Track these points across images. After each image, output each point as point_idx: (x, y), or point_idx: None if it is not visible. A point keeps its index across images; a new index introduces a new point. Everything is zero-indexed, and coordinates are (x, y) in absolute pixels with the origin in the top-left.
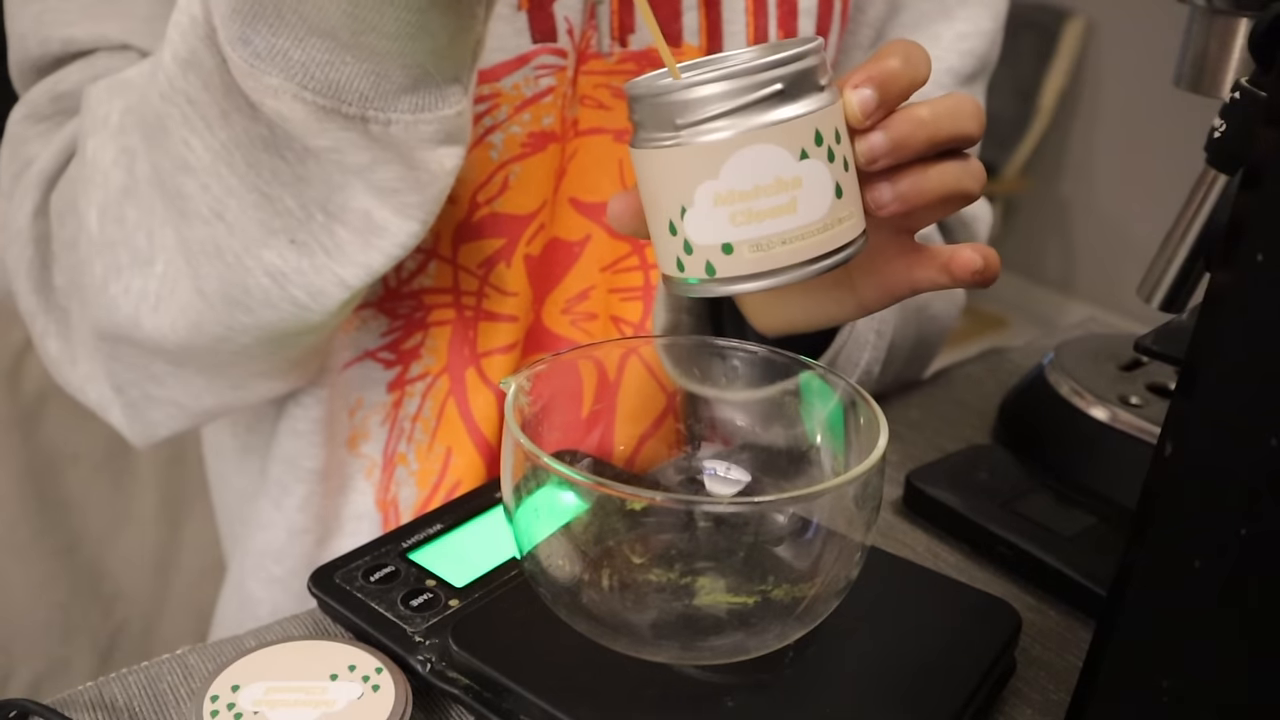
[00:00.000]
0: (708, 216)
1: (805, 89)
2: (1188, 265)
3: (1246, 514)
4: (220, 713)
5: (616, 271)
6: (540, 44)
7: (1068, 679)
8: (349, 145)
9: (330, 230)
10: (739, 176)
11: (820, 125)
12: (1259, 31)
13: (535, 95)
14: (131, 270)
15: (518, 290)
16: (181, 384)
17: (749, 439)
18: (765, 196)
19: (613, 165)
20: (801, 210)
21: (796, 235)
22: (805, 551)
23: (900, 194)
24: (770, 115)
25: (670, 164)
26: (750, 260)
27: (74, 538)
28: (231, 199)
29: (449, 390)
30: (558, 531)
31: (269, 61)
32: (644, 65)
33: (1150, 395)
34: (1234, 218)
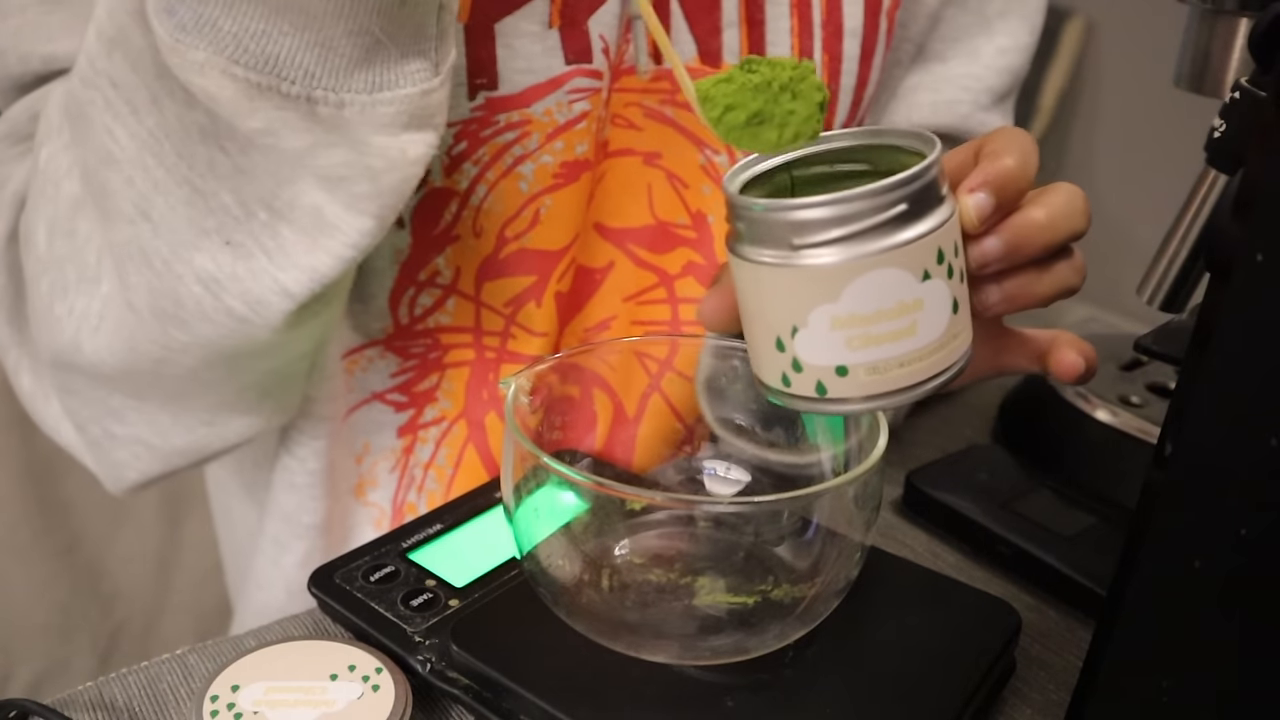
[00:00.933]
0: (823, 339)
1: (929, 205)
2: (1188, 265)
3: (1246, 514)
4: (220, 713)
5: (641, 303)
6: (574, 65)
7: (1068, 679)
8: (283, 126)
9: (273, 229)
10: (860, 301)
11: (942, 242)
12: (1259, 31)
13: (569, 122)
14: (77, 289)
15: (547, 330)
16: (145, 419)
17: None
18: (886, 320)
19: (641, 189)
20: (921, 332)
21: (914, 358)
22: (805, 551)
23: (1008, 295)
24: (895, 237)
25: (782, 282)
26: (865, 383)
27: (74, 538)
28: (158, 195)
29: (467, 437)
30: (558, 531)
31: (195, 33)
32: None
33: (1150, 395)
34: (1233, 218)
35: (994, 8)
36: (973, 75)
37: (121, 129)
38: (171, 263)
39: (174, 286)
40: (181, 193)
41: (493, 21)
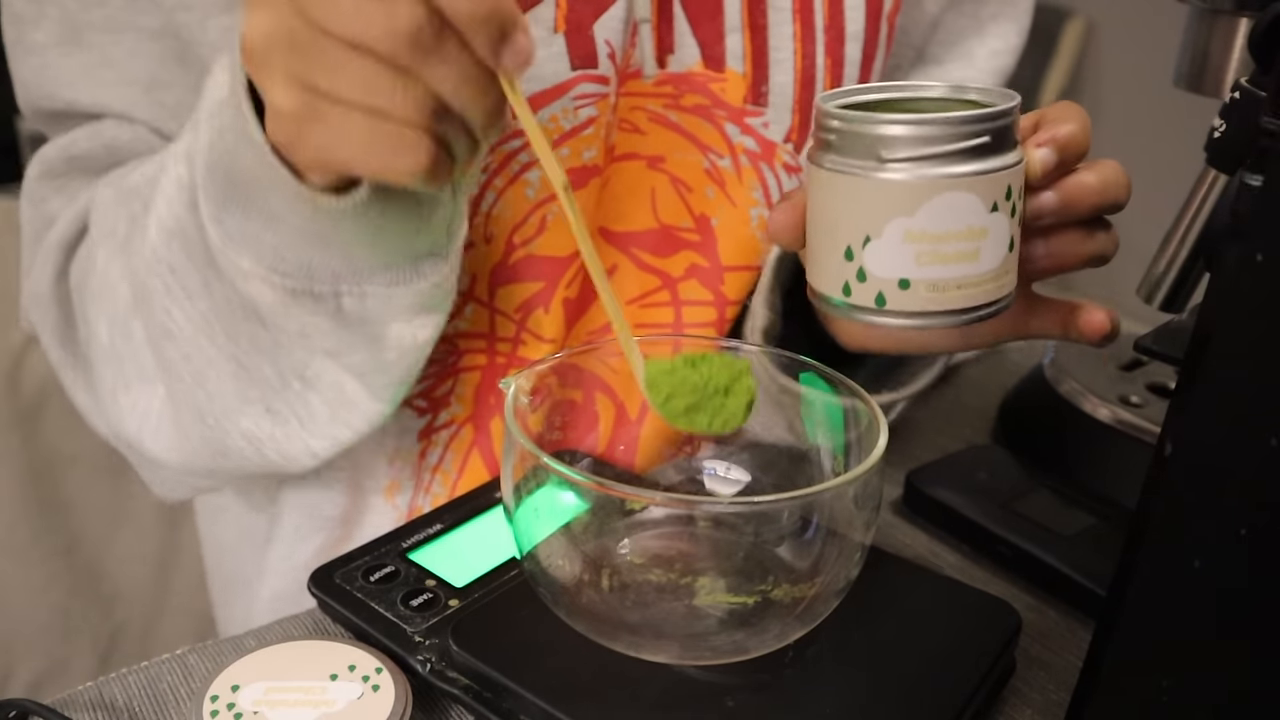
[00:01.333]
0: (894, 251)
1: (1006, 144)
2: (1188, 265)
3: (1246, 514)
4: (220, 713)
5: (644, 306)
6: (580, 70)
7: (1068, 679)
8: (317, 331)
9: (305, 399)
10: (935, 219)
11: (1012, 181)
12: (1259, 31)
13: (575, 128)
14: (139, 386)
15: (555, 337)
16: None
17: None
18: (954, 241)
19: (644, 193)
20: (982, 259)
21: (972, 282)
22: (805, 551)
23: (1052, 252)
24: (975, 165)
25: (863, 192)
26: (924, 299)
27: (74, 538)
28: (211, 369)
29: (473, 441)
30: (558, 531)
31: (240, 243)
32: (683, 89)
33: (1150, 395)
34: (1234, 218)
35: (987, 10)
36: (968, 77)
37: (179, 311)
38: (221, 420)
39: (222, 439)
40: (230, 367)
41: None
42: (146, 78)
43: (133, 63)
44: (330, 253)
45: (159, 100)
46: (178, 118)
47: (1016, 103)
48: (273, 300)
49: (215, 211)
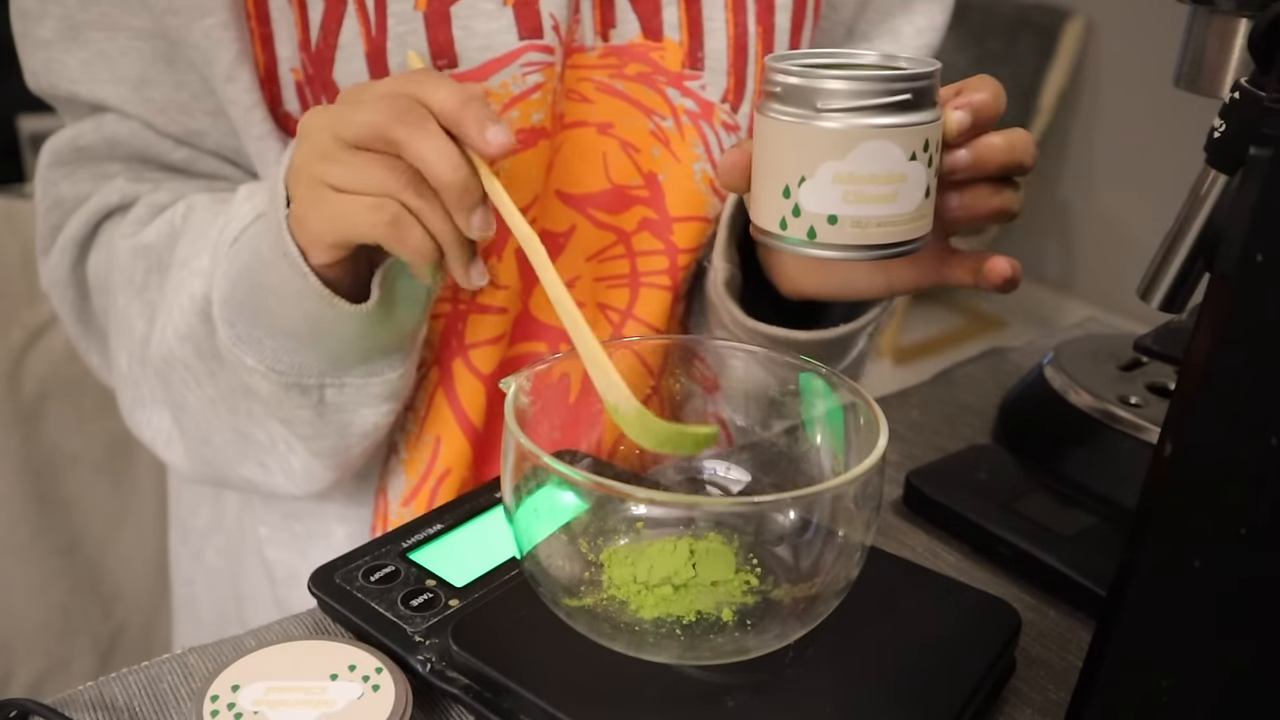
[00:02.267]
0: (825, 189)
1: (925, 103)
2: (1188, 265)
3: (1246, 514)
4: (220, 713)
5: (602, 261)
6: (527, 40)
7: (1068, 679)
8: (298, 420)
9: (288, 460)
10: (861, 162)
11: (930, 135)
12: (1259, 31)
13: (523, 92)
14: (152, 407)
15: (509, 284)
16: None
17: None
18: (876, 184)
19: (596, 158)
20: (900, 201)
21: (890, 221)
22: (805, 551)
23: (965, 204)
24: (898, 119)
25: (802, 138)
26: (849, 234)
27: (74, 538)
28: (215, 435)
29: (438, 381)
30: (558, 531)
31: (247, 345)
32: (626, 60)
33: (1150, 395)
34: (1234, 217)
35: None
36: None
37: (190, 394)
38: (223, 468)
39: (228, 474)
40: (230, 435)
41: (449, 5)
42: (136, 76)
43: (124, 60)
44: (319, 355)
45: (147, 97)
46: (165, 113)
47: (937, 68)
48: (268, 391)
49: (230, 316)
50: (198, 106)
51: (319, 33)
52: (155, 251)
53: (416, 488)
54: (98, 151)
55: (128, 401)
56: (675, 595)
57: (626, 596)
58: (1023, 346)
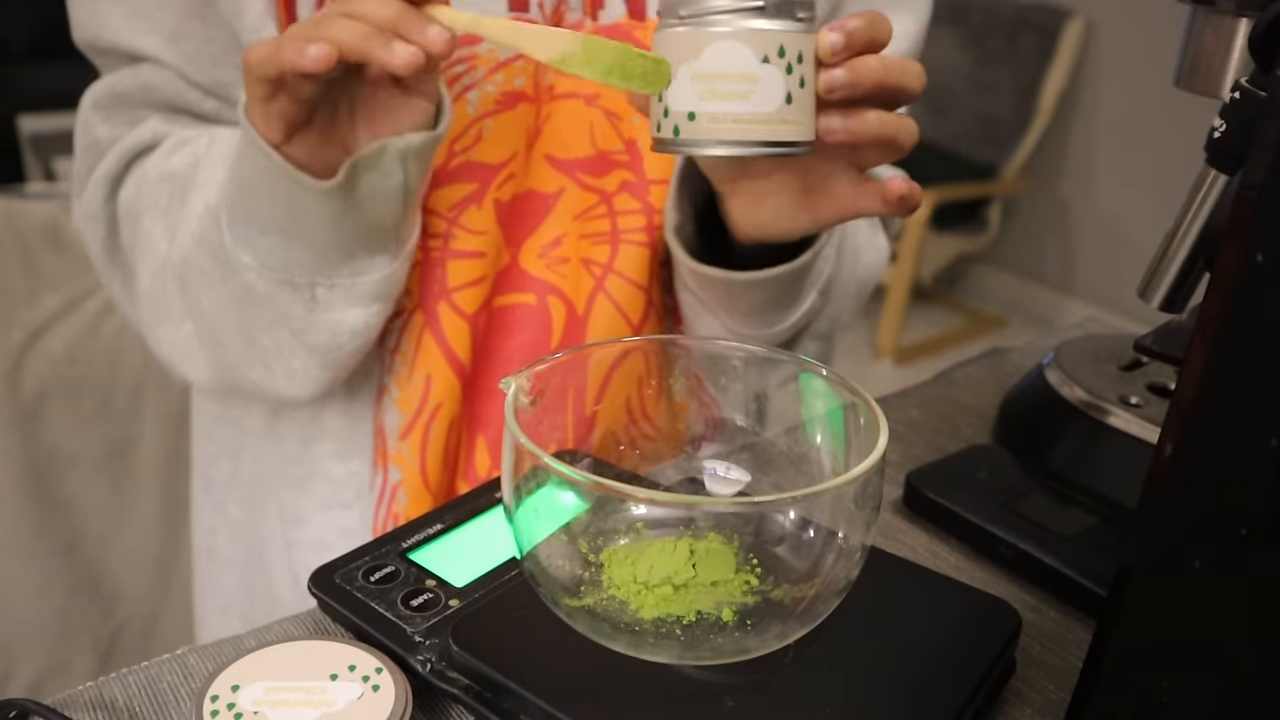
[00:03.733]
0: (684, 88)
1: (782, 13)
2: (1188, 265)
3: (1246, 514)
4: (220, 713)
5: (586, 219)
6: (513, 13)
7: (1068, 679)
8: (293, 315)
9: (290, 363)
10: (712, 61)
11: (785, 43)
12: (1259, 31)
13: (507, 60)
14: (169, 324)
15: (485, 229)
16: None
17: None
18: (727, 82)
19: (584, 126)
20: (754, 101)
21: (745, 119)
22: (805, 551)
23: (848, 126)
24: (748, 23)
25: (667, 42)
26: (707, 129)
27: (74, 538)
28: (226, 338)
29: (424, 324)
30: (558, 531)
31: (243, 244)
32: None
33: (1150, 395)
34: (1234, 218)
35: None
36: None
37: (205, 298)
38: (234, 369)
39: (237, 377)
40: (239, 339)
41: None
42: (171, 28)
43: (160, 15)
44: (304, 250)
45: (181, 49)
46: (196, 63)
47: None
48: (264, 289)
49: (229, 220)
50: (226, 60)
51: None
52: (180, 177)
53: (411, 423)
54: (133, 97)
55: (148, 321)
56: (675, 595)
57: (626, 596)
58: (1023, 346)
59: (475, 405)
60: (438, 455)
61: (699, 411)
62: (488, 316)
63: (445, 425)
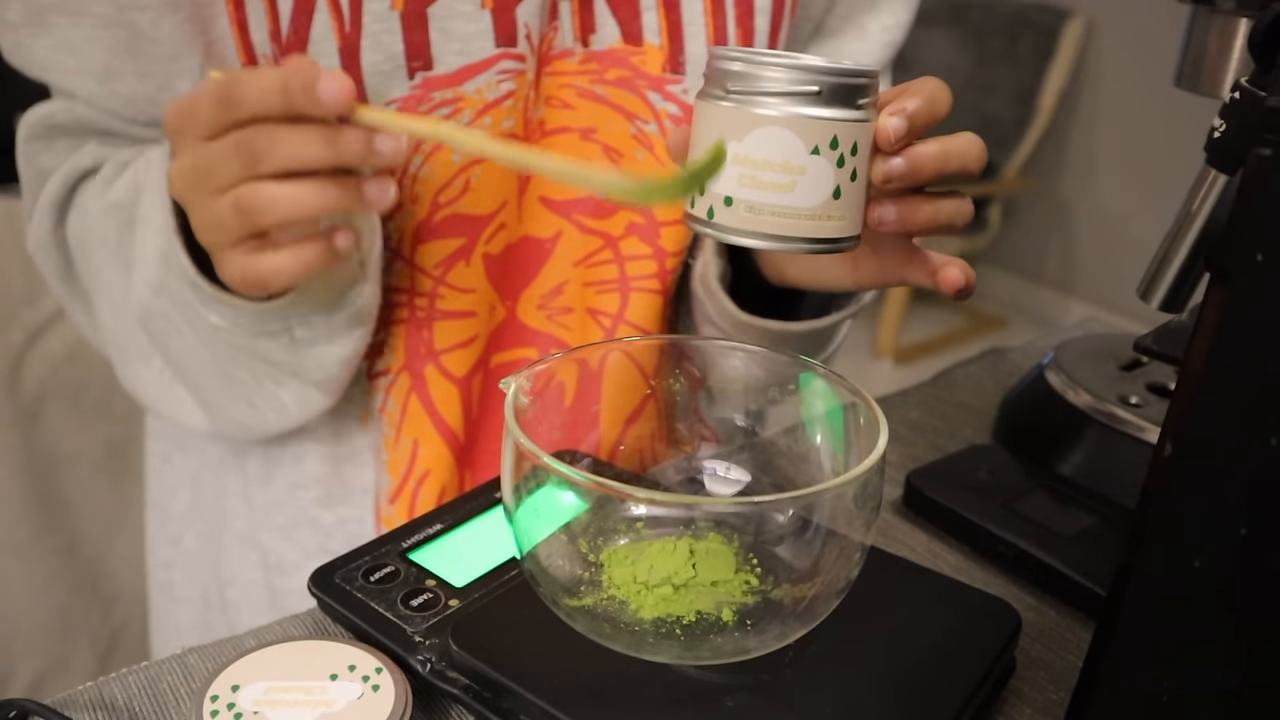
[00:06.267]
0: (724, 170)
1: (840, 101)
2: (1188, 265)
3: (1246, 514)
4: (220, 713)
5: (590, 265)
6: (502, 49)
7: (1068, 679)
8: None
9: (277, 396)
10: (757, 147)
11: (840, 133)
12: (1259, 31)
13: (496, 100)
14: (138, 362)
15: (474, 286)
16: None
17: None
18: (771, 171)
19: None
20: (798, 194)
21: (785, 213)
22: (805, 551)
23: (901, 216)
24: (800, 109)
25: (712, 116)
26: (744, 218)
27: (74, 538)
28: (202, 380)
29: (410, 387)
30: (558, 531)
31: (208, 306)
32: (606, 65)
33: (1150, 395)
34: (1233, 218)
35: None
36: (862, 50)
37: (172, 343)
38: (217, 411)
39: (222, 419)
40: (217, 380)
41: (426, 6)
42: (101, 69)
43: (88, 50)
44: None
45: (113, 90)
46: (131, 104)
47: (868, 71)
48: (241, 341)
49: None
50: (164, 97)
51: (289, 26)
52: (124, 208)
53: (399, 488)
54: (69, 129)
55: (116, 360)
56: (675, 595)
57: (626, 596)
58: (1023, 346)
59: (477, 471)
60: None
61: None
62: (484, 376)
63: (435, 493)
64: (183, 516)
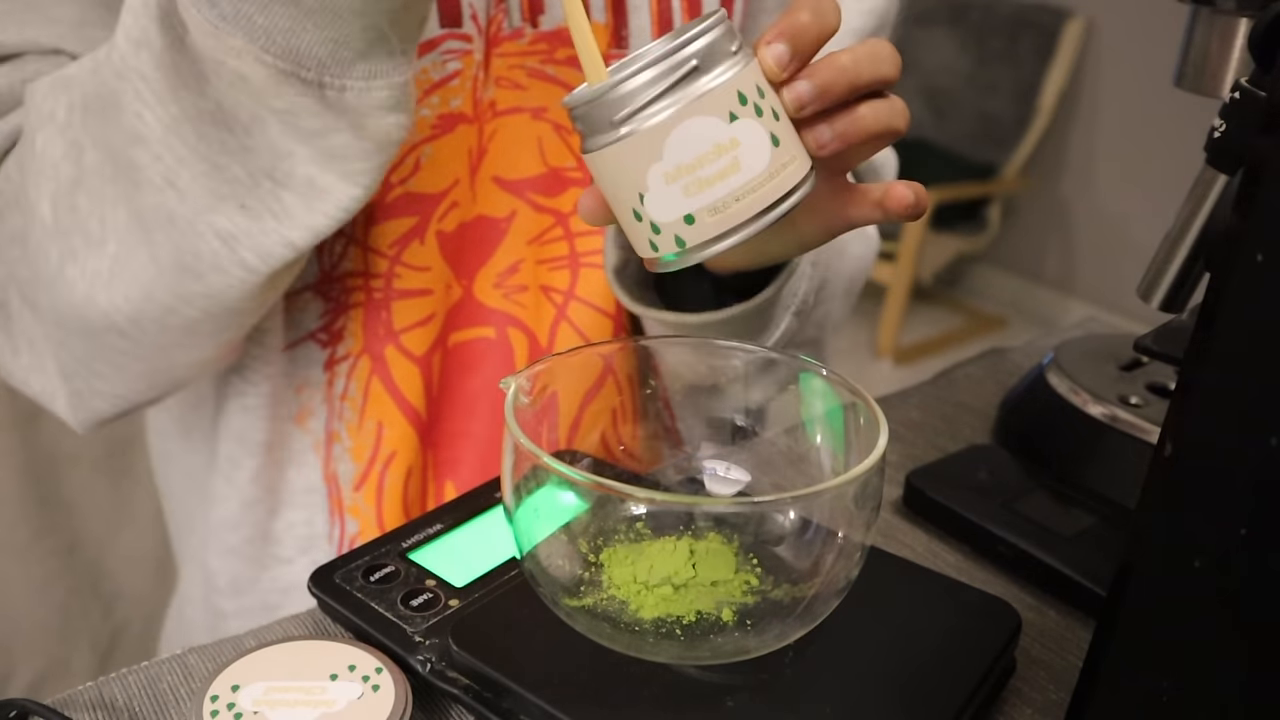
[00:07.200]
0: (664, 195)
1: (718, 59)
2: (1188, 265)
3: (1246, 514)
4: (220, 713)
5: (543, 243)
6: (447, 29)
7: (1068, 679)
8: (304, 110)
9: (277, 195)
10: (680, 152)
11: (741, 87)
12: (1259, 31)
13: (443, 79)
14: (86, 252)
15: (429, 264)
16: (123, 379)
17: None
18: (708, 164)
19: (532, 142)
20: (745, 167)
21: (746, 190)
22: (805, 551)
23: (839, 133)
24: (692, 90)
25: (618, 158)
26: (712, 224)
27: (74, 538)
28: (183, 168)
29: (371, 369)
30: (558, 531)
31: (234, 24)
32: (555, 45)
33: (1150, 395)
34: (1233, 218)
35: None
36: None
37: (150, 114)
38: (195, 222)
39: (195, 243)
40: (202, 166)
41: None
42: (73, 15)
43: (59, 8)
44: (316, 35)
45: (87, 37)
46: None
47: (715, 18)
48: (264, 77)
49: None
50: None
51: None
52: (78, 82)
53: (365, 473)
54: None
55: (54, 266)
56: (675, 595)
57: (626, 596)
58: (1023, 346)
59: (440, 450)
60: (396, 506)
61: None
62: (443, 355)
63: (402, 474)
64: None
